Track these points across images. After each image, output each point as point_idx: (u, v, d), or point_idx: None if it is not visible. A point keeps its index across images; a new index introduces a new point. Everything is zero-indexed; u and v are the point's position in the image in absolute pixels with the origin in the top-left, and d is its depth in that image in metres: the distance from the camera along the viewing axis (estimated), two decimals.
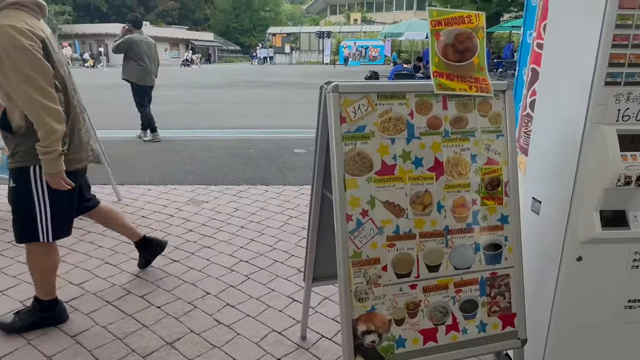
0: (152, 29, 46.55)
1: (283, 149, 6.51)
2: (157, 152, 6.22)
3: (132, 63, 6.62)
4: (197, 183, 4.74)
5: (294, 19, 68.80)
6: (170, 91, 15.42)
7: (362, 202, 1.48)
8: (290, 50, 41.75)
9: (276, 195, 4.38)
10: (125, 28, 6.77)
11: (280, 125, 8.64)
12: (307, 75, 24.02)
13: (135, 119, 7.32)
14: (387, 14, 51.69)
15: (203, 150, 6.36)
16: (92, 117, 8.77)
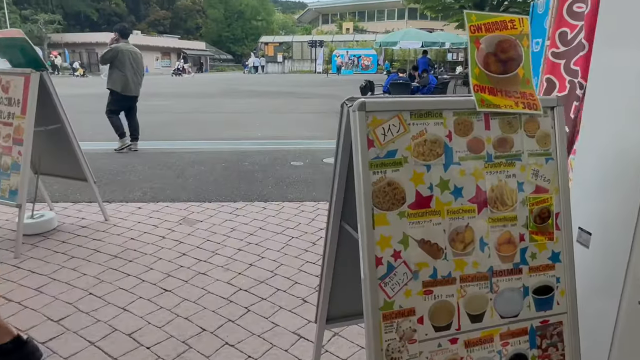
0: (144, 38, 46.34)
1: (279, 161, 6.26)
2: (148, 165, 5.94)
3: (117, 72, 6.60)
4: (191, 200, 4.47)
5: (286, 28, 68.99)
6: (161, 101, 15.14)
7: (393, 241, 1.24)
8: (282, 59, 41.67)
9: (275, 212, 4.12)
10: (113, 38, 6.64)
11: (275, 136, 8.40)
12: (300, 85, 23.87)
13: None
14: (379, 23, 51.96)
15: (196, 163, 6.09)
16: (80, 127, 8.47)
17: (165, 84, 25.29)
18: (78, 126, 9.33)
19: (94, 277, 2.87)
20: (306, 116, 11.58)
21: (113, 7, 52.72)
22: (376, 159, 1.22)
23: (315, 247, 3.37)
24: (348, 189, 1.48)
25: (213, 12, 59.21)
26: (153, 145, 7.48)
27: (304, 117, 11.38)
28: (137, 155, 6.64)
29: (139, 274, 2.92)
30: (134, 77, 6.70)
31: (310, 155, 6.70)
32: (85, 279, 2.85)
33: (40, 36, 38.62)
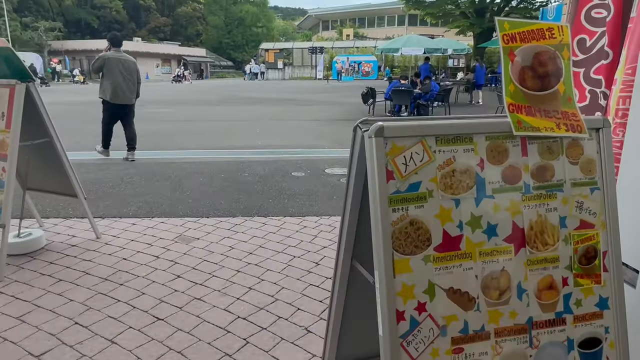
0: (144, 45, 46.41)
1: (280, 171, 6.07)
2: (144, 177, 5.75)
3: (105, 81, 6.56)
4: (187, 215, 4.27)
5: (286, 35, 69.15)
6: (160, 108, 15.00)
7: (417, 291, 1.04)
8: (282, 66, 41.62)
9: (276, 228, 3.92)
10: (107, 47, 6.70)
11: (275, 145, 8.22)
12: (301, 91, 23.75)
13: (123, 140, 6.89)
14: (379, 29, 52.04)
15: (194, 174, 5.90)
16: (79, 136, 8.25)
17: (165, 91, 25.20)
18: (77, 135, 9.22)
19: (81, 304, 2.67)
20: (307, 124, 11.41)
21: (114, 14, 52.81)
22: (396, 194, 1.02)
23: (319, 267, 3.17)
24: (361, 223, 1.29)
25: (213, 19, 59.34)
26: (151, 155, 7.29)
27: (305, 125, 11.20)
28: (135, 165, 6.45)
29: (130, 300, 2.72)
30: (125, 85, 6.58)
31: (312, 165, 6.51)
32: (71, 306, 2.65)
33: (41, 43, 38.64)
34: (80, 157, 6.95)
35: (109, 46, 6.66)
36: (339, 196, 4.90)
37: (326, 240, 3.64)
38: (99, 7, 51.73)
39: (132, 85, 6.69)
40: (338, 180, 5.63)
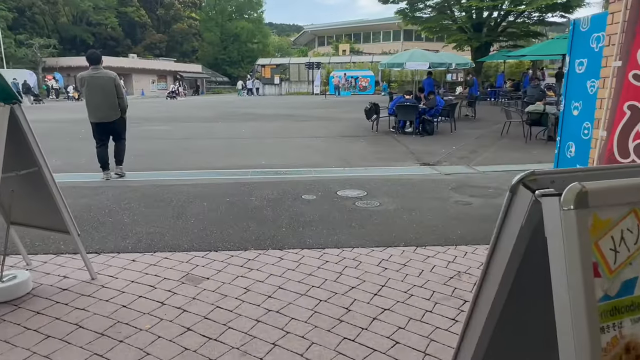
0: (139, 61, 46.28)
1: (289, 195, 5.66)
2: (144, 203, 5.30)
3: (85, 100, 6.53)
4: (194, 248, 3.83)
5: (281, 51, 69.41)
6: (157, 125, 14.61)
7: None
8: (279, 81, 41.51)
9: (294, 264, 3.48)
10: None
11: (280, 164, 7.82)
12: (299, 107, 23.47)
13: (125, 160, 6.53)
14: (375, 44, 52.30)
15: (197, 199, 5.46)
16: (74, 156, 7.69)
17: (160, 108, 24.84)
18: (72, 155, 8.77)
19: None
20: (309, 141, 11.04)
21: (109, 31, 52.72)
22: (606, 301, 0.61)
23: (351, 315, 2.73)
24: (502, 330, 0.86)
25: (209, 35, 59.45)
26: (149, 177, 6.87)
27: (308, 142, 10.83)
28: (132, 189, 6.01)
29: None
30: (104, 102, 6.45)
31: (322, 187, 6.10)
32: None
33: (35, 60, 38.32)
34: (73, 179, 6.52)
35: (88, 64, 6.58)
36: (357, 223, 4.49)
37: (353, 279, 3.21)
38: (94, 24, 51.64)
39: (111, 101, 6.51)
40: (353, 204, 5.22)
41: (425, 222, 4.54)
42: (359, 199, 5.44)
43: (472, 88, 16.98)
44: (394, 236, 4.09)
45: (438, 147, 9.78)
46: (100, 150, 6.68)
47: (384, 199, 5.45)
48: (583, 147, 4.36)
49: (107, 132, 6.71)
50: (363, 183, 6.33)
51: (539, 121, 10.17)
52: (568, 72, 4.58)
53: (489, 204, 5.31)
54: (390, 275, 3.28)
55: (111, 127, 6.66)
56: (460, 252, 3.70)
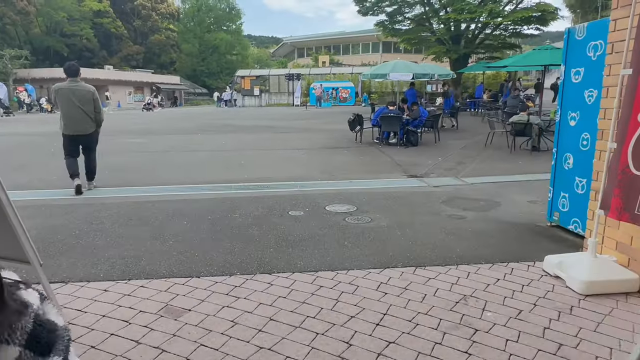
0: (115, 73, 45.33)
1: (275, 210, 5.35)
2: (118, 222, 4.91)
3: (60, 113, 6.38)
4: (173, 274, 3.48)
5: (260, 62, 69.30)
6: (133, 138, 14.10)
7: None
8: (259, 93, 41.21)
9: (285, 291, 3.17)
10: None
11: (263, 178, 7.50)
12: (280, 118, 23.22)
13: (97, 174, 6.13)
14: (354, 56, 52.69)
15: (177, 216, 5.10)
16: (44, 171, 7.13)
17: (137, 120, 24.21)
18: (42, 170, 8.26)
19: None
20: (292, 153, 10.77)
21: (84, 42, 51.57)
22: None
23: (352, 351, 2.44)
24: None
25: (187, 46, 58.88)
26: (124, 193, 6.46)
27: (290, 154, 10.55)
28: (106, 207, 5.60)
29: None
30: (79, 115, 6.28)
31: (309, 201, 5.82)
32: None
33: (6, 72, 37.07)
34: (42, 197, 6.08)
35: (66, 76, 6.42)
36: (350, 242, 4.21)
37: (351, 307, 2.93)
38: (68, 35, 50.46)
39: (89, 114, 6.37)
40: (344, 220, 4.95)
41: (421, 239, 4.30)
42: (349, 215, 5.18)
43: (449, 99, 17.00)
44: (391, 256, 3.83)
45: (424, 159, 9.64)
46: (71, 161, 6.44)
47: (375, 214, 5.20)
48: (582, 158, 4.21)
49: (79, 145, 6.53)
50: (351, 197, 6.08)
51: (523, 131, 10.16)
52: (564, 82, 4.45)
53: (482, 217, 5.12)
54: (392, 301, 3.00)
55: (85, 140, 6.50)
56: (463, 273, 3.46)
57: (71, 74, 6.36)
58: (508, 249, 4.03)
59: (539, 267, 3.58)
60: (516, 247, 4.09)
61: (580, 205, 4.23)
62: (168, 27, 58.93)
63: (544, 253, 3.82)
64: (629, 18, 3.16)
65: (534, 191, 6.38)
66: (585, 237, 3.79)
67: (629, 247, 3.24)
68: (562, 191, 4.50)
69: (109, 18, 53.02)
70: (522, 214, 5.22)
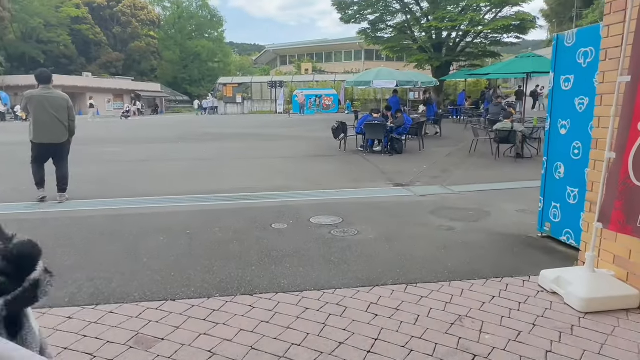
0: (94, 80, 44.44)
1: (257, 223, 5.11)
2: (89, 238, 4.59)
3: (30, 120, 6.16)
4: (146, 297, 3.20)
5: (243, 70, 69.00)
6: (109, 147, 13.66)
7: None
8: (242, 100, 40.88)
9: (268, 314, 2.94)
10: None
11: (245, 188, 7.25)
12: (263, 126, 22.98)
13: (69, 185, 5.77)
14: (337, 64, 52.86)
15: (153, 231, 4.81)
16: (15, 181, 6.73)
17: (114, 128, 23.65)
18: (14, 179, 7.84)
19: None
20: (276, 162, 10.53)
21: (62, 49, 50.45)
22: None
23: None
24: None
25: (168, 54, 58.23)
26: (98, 205, 6.14)
27: (274, 163, 10.32)
28: (77, 221, 5.26)
29: None
30: (51, 123, 6.03)
31: (293, 213, 5.60)
32: None
33: None
34: (7, 211, 5.69)
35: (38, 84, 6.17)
36: (337, 257, 4.00)
37: (340, 332, 2.71)
38: (45, 42, 49.31)
39: (62, 122, 6.11)
40: (329, 233, 4.74)
41: (410, 253, 4.11)
42: (335, 227, 4.97)
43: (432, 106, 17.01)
44: (380, 272, 3.63)
45: (409, 167, 9.52)
46: (38, 167, 6.20)
47: (362, 225, 5.01)
48: (574, 167, 4.09)
49: (50, 155, 6.24)
50: (336, 208, 5.87)
51: (507, 139, 10.15)
52: (553, 89, 4.35)
53: (472, 228, 4.97)
54: (383, 323, 2.79)
55: (57, 149, 6.20)
56: (456, 290, 3.28)
57: (43, 81, 6.10)
58: (501, 263, 3.87)
59: (534, 282, 3.43)
60: (509, 261, 3.93)
61: (572, 216, 4.11)
62: (149, 34, 58.17)
63: (538, 266, 3.68)
64: (623, 23, 3.06)
65: (522, 199, 6.28)
66: (580, 250, 3.65)
67: (627, 261, 3.11)
68: (554, 201, 4.38)
69: (88, 24, 52.08)
70: (512, 224, 5.09)
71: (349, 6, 25.64)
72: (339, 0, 25.65)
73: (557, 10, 51.33)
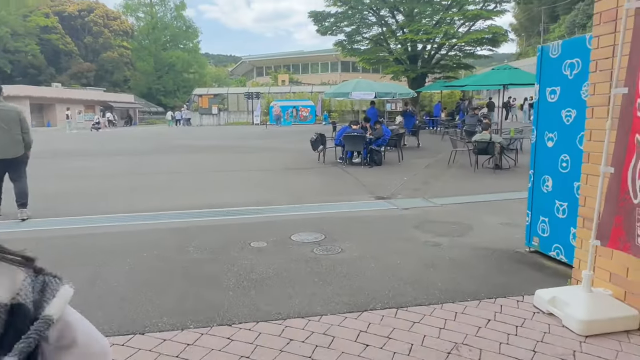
0: (64, 91, 43.13)
1: (235, 242, 4.82)
2: (46, 262, 4.20)
3: None
4: (111, 331, 2.87)
5: (219, 81, 68.38)
6: (76, 161, 13.07)
7: None
8: (217, 111, 40.36)
9: (248, 348, 2.66)
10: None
11: (222, 203, 6.94)
12: (240, 137, 22.61)
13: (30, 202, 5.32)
14: (313, 75, 53.00)
15: (119, 254, 4.46)
16: None
17: (84, 140, 22.85)
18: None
19: None
20: (254, 175, 10.25)
21: (30, 58, 48.99)
22: None
23: None
24: None
25: (142, 64, 57.22)
26: (61, 224, 5.72)
27: (252, 176, 10.03)
28: (35, 242, 4.85)
29: None
30: (6, 137, 5.65)
31: (273, 229, 5.33)
32: None
33: None
34: None
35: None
36: (321, 278, 3.76)
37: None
38: (12, 52, 47.76)
39: (15, 136, 5.71)
40: (312, 251, 4.50)
41: (398, 272, 3.91)
42: (317, 244, 4.73)
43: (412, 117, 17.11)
44: (367, 295, 3.40)
45: (389, 179, 9.40)
46: None
47: (345, 242, 4.79)
48: (562, 181, 3.99)
49: (5, 170, 5.83)
50: (319, 223, 5.64)
51: (485, 150, 10.16)
52: (538, 101, 4.27)
53: (458, 243, 4.81)
54: (374, 355, 2.56)
55: (12, 164, 5.79)
56: (449, 314, 3.08)
57: None
58: (492, 281, 3.70)
59: (528, 302, 3.26)
60: (500, 279, 3.78)
61: (561, 231, 4.00)
62: (122, 44, 57.16)
63: (530, 284, 3.54)
64: (614, 34, 2.97)
65: (504, 212, 6.20)
66: (573, 267, 3.52)
67: (624, 280, 2.98)
68: (542, 215, 4.27)
69: (57, 34, 50.82)
70: (498, 238, 4.96)
71: (325, 18, 25.75)
72: (315, 12, 25.74)
73: (525, 24, 53.15)
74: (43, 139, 19.21)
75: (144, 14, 59.33)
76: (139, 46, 57.99)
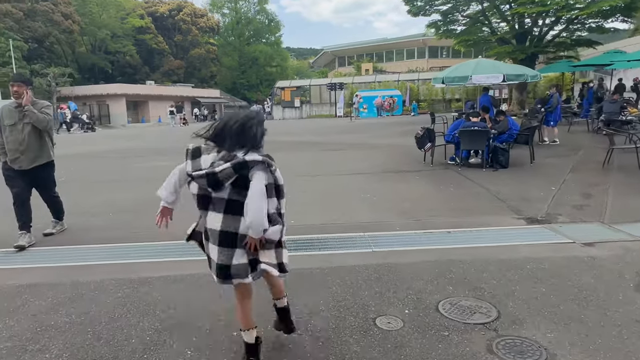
0: (157, 88, 45.01)
1: (348, 312, 3.00)
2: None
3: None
4: None
5: (300, 73, 67.94)
6: (161, 161, 12.23)
7: None
8: (300, 104, 39.37)
9: None
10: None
11: (310, 225, 5.18)
12: (324, 132, 21.00)
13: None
14: (398, 62, 50.06)
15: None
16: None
17: (171, 136, 22.72)
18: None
19: None
20: (346, 180, 8.42)
21: (127, 59, 51.93)
22: None
23: None
24: None
25: (227, 60, 58.41)
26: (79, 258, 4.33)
27: (345, 182, 8.20)
28: (36, 292, 3.45)
29: None
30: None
31: (400, 283, 3.45)
32: None
33: (50, 90, 37.27)
34: None
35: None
36: None
37: None
38: (112, 53, 50.97)
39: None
40: (488, 351, 2.53)
41: None
42: (493, 330, 2.75)
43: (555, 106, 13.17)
44: None
45: (529, 188, 7.05)
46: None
47: (540, 326, 2.75)
48: None
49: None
50: (468, 273, 3.65)
51: None
52: None
53: None
54: None
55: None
56: None
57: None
58: None
59: None
60: None
61: None
62: (208, 41, 58.70)
63: None
64: None
65: None
66: None
67: None
68: None
69: (151, 34, 53.26)
70: None
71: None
72: None
73: None
74: (156, 132, 18.98)
75: (229, 9, 60.46)
76: (224, 42, 59.25)
